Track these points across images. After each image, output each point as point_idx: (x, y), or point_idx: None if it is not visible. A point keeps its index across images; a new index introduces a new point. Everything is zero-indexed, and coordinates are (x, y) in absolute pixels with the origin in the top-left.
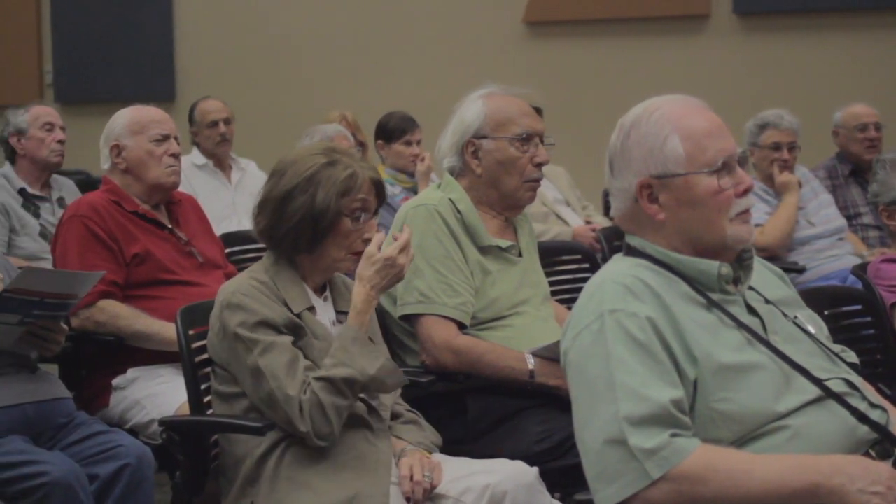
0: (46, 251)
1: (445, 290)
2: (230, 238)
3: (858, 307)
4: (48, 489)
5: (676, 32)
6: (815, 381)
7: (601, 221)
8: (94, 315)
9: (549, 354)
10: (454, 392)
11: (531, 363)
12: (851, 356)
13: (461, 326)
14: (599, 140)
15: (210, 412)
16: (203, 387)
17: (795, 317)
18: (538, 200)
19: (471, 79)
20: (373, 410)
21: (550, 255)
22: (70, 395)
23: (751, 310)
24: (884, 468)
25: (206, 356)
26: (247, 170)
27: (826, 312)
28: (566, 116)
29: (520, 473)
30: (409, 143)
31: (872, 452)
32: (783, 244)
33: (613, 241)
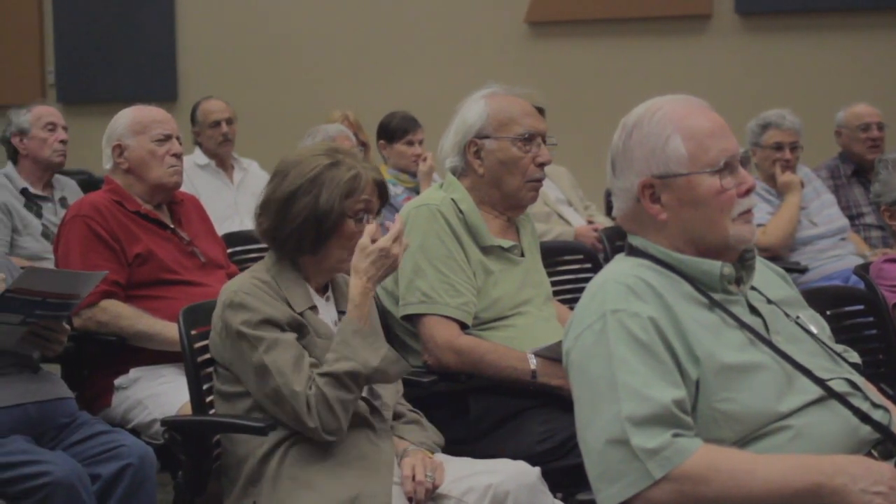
0: (49, 251)
1: (448, 290)
2: (232, 238)
3: (861, 307)
4: (50, 489)
5: (678, 32)
6: (818, 381)
7: (603, 221)
8: (97, 315)
9: (552, 354)
10: (456, 392)
11: (533, 363)
12: (854, 356)
13: (463, 326)
14: (601, 140)
15: (212, 412)
16: (205, 387)
17: (798, 317)
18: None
19: (473, 79)
20: (375, 410)
21: (552, 255)
22: (72, 395)
23: (753, 310)
24: (886, 468)
25: (209, 356)
26: (249, 170)
27: (828, 312)
28: (568, 116)
29: (522, 473)
30: (412, 143)
31: (875, 452)
32: (785, 244)
33: (615, 241)
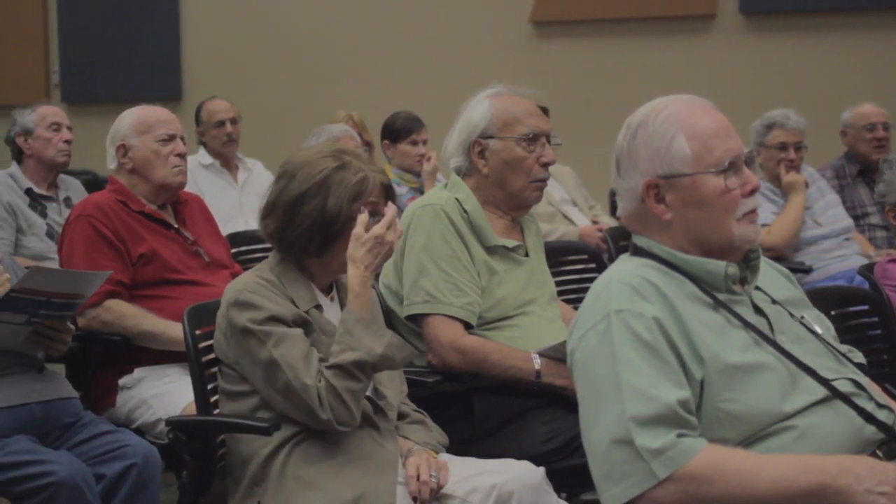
0: (53, 251)
1: (452, 290)
2: (236, 238)
3: (865, 307)
4: (55, 489)
5: (682, 32)
6: (822, 382)
7: (608, 221)
8: (101, 315)
9: (556, 354)
10: (460, 392)
11: (537, 363)
12: (858, 356)
13: (467, 326)
14: (606, 140)
15: (216, 412)
16: (210, 386)
17: (802, 317)
18: (545, 200)
19: (477, 79)
20: (379, 410)
21: (557, 255)
22: (77, 395)
23: (757, 310)
24: (891, 468)
25: (213, 356)
26: (253, 170)
27: (833, 312)
28: (573, 116)
29: (526, 473)
30: (416, 143)
31: (879, 453)
32: (790, 244)
33: (620, 241)
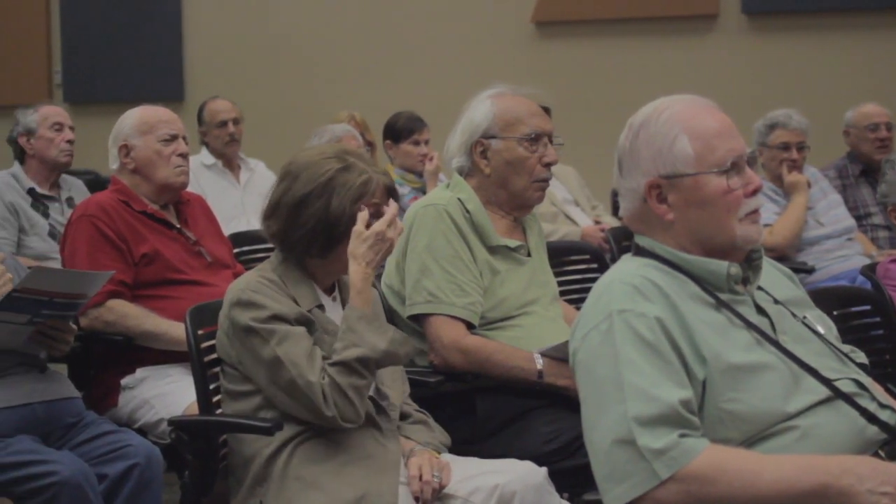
0: (55, 251)
1: (454, 290)
2: (239, 238)
3: (867, 307)
4: (57, 489)
5: (685, 32)
6: (825, 382)
7: (610, 221)
8: (103, 315)
9: (558, 354)
10: (463, 392)
11: (540, 363)
12: (861, 356)
13: (470, 326)
14: (608, 140)
15: (219, 412)
16: (212, 386)
17: (804, 317)
18: (547, 200)
19: (479, 79)
20: (382, 410)
21: (559, 255)
22: (79, 395)
23: (760, 310)
24: (893, 469)
25: (215, 356)
26: (255, 170)
27: (835, 313)
28: (575, 116)
29: (528, 473)
30: (418, 143)
31: (882, 453)
32: (792, 244)
33: (622, 242)
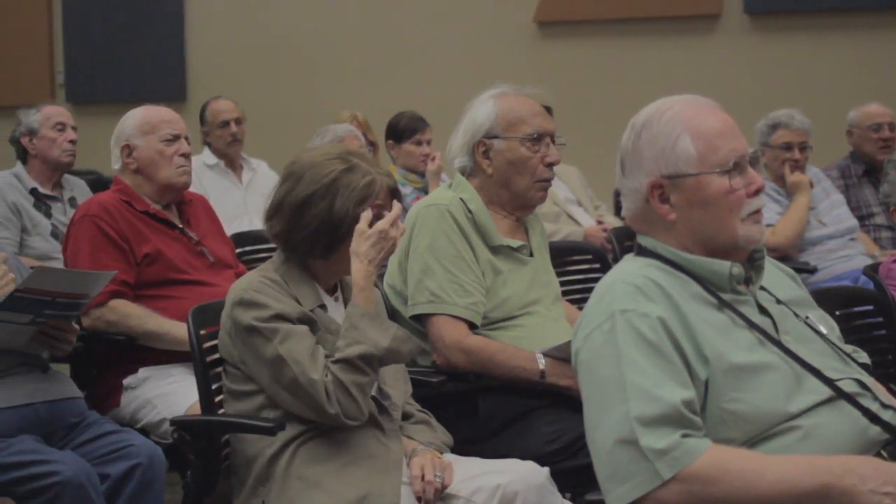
0: (58, 251)
1: (456, 290)
2: (241, 238)
3: (870, 307)
4: (59, 488)
5: (687, 32)
6: (827, 382)
7: (612, 221)
8: (106, 315)
9: (560, 354)
10: (465, 392)
11: (542, 363)
12: (863, 356)
13: (472, 326)
14: (611, 140)
15: (221, 411)
16: (214, 386)
17: (807, 317)
18: (550, 200)
19: (481, 79)
20: (384, 410)
21: (562, 255)
22: (81, 395)
23: (762, 310)
24: (895, 469)
25: (218, 356)
26: (258, 170)
27: (837, 313)
28: (577, 116)
29: (531, 473)
30: (420, 143)
31: (884, 453)
32: (794, 244)
33: (624, 242)
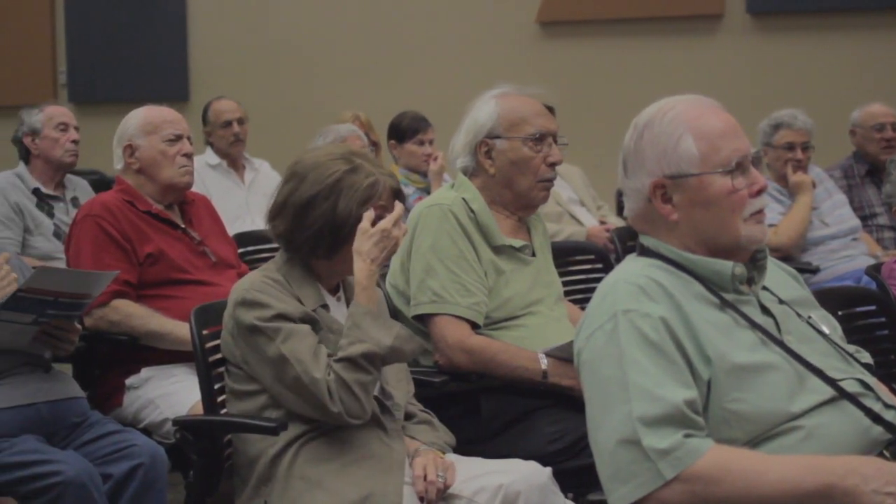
0: (60, 251)
1: (459, 290)
2: (243, 238)
3: (872, 308)
4: (62, 488)
5: (690, 32)
6: (829, 382)
7: (615, 221)
8: (108, 314)
9: (563, 354)
10: (467, 392)
11: (544, 363)
12: (866, 357)
13: (474, 326)
14: (613, 140)
15: (224, 411)
16: (217, 386)
17: (809, 317)
18: (552, 200)
19: (484, 78)
20: (386, 410)
21: (564, 255)
22: (84, 395)
23: (764, 310)
24: None
25: (220, 356)
26: (260, 170)
27: (840, 313)
28: (580, 116)
29: (533, 473)
30: (422, 143)
31: (886, 453)
32: (797, 244)
33: (627, 242)
